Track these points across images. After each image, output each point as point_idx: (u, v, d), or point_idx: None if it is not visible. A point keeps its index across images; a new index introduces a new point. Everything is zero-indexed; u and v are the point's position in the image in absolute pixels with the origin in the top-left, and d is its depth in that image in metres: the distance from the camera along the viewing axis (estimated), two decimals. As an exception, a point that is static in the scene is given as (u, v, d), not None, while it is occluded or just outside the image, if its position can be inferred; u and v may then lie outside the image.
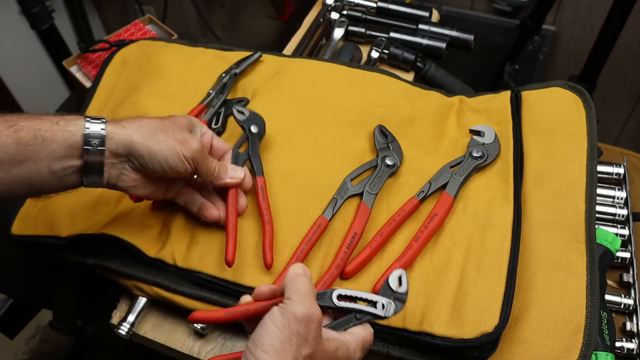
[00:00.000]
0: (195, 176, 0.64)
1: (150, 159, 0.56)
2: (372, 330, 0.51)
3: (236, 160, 0.69)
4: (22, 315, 0.92)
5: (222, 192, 0.68)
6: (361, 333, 0.49)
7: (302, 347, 0.42)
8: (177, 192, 0.65)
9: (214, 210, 0.65)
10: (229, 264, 0.62)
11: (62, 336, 1.19)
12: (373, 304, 0.50)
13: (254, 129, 0.73)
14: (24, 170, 0.52)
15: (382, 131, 0.75)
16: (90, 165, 0.55)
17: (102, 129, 0.54)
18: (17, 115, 0.53)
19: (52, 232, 0.70)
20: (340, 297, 0.50)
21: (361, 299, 0.50)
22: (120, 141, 0.55)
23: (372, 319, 0.50)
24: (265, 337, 0.42)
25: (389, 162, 0.71)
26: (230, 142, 0.76)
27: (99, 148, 0.54)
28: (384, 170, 0.71)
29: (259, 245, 0.65)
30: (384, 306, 0.50)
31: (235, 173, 0.66)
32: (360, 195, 0.68)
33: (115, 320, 0.70)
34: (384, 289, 0.51)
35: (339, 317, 0.50)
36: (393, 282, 0.51)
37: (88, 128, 0.54)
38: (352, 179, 0.70)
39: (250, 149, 0.71)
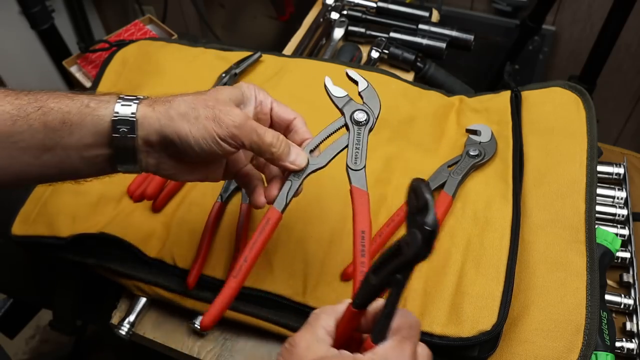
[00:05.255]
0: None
1: (180, 144, 0.49)
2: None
3: (228, 185, 0.56)
4: (22, 315, 0.92)
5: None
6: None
7: None
8: (236, 172, 0.56)
9: (261, 197, 0.55)
10: (189, 286, 0.62)
11: (62, 336, 1.19)
12: (397, 249, 0.36)
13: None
14: (55, 156, 0.48)
15: (350, 76, 0.55)
16: (121, 153, 0.50)
17: (132, 114, 0.48)
18: (47, 95, 0.49)
19: (52, 232, 0.70)
20: (374, 272, 0.39)
21: (387, 256, 0.37)
22: (150, 127, 0.49)
23: (406, 269, 0.37)
24: None
25: (359, 117, 0.53)
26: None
27: (129, 136, 0.48)
28: (358, 131, 0.52)
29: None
30: (407, 243, 0.35)
31: (298, 158, 0.53)
32: (349, 178, 0.55)
33: (115, 320, 0.70)
34: (408, 218, 0.36)
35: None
36: (411, 201, 0.35)
37: (117, 113, 0.48)
38: (311, 151, 0.55)
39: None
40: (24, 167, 0.48)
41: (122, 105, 0.49)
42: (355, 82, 0.52)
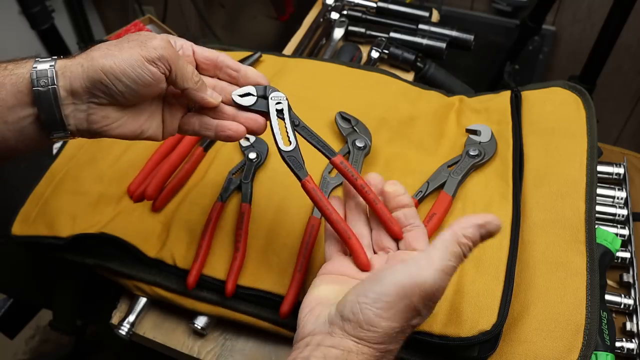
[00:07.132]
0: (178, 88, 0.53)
1: (107, 79, 0.48)
2: None
3: (228, 185, 0.70)
4: (22, 315, 0.92)
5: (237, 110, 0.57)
6: None
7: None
8: (180, 122, 0.56)
9: (232, 124, 0.55)
10: (189, 286, 0.64)
11: (62, 336, 1.19)
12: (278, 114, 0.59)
13: (252, 155, 0.73)
14: None
15: (344, 117, 0.76)
16: (46, 110, 0.48)
17: (51, 66, 0.48)
18: None
19: (52, 232, 0.70)
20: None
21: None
22: (72, 74, 0.48)
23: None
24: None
25: (359, 144, 0.72)
26: (229, 147, 0.76)
27: (50, 87, 0.48)
28: (357, 154, 0.72)
29: (262, 248, 0.65)
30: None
31: (213, 94, 0.55)
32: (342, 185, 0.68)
33: (115, 320, 0.70)
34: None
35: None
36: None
37: (36, 67, 0.48)
38: (329, 172, 0.71)
39: (244, 176, 0.71)
40: None
41: (40, 62, 0.49)
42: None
